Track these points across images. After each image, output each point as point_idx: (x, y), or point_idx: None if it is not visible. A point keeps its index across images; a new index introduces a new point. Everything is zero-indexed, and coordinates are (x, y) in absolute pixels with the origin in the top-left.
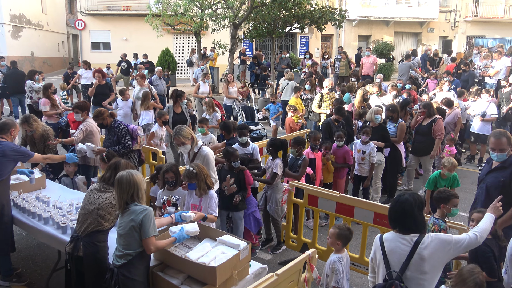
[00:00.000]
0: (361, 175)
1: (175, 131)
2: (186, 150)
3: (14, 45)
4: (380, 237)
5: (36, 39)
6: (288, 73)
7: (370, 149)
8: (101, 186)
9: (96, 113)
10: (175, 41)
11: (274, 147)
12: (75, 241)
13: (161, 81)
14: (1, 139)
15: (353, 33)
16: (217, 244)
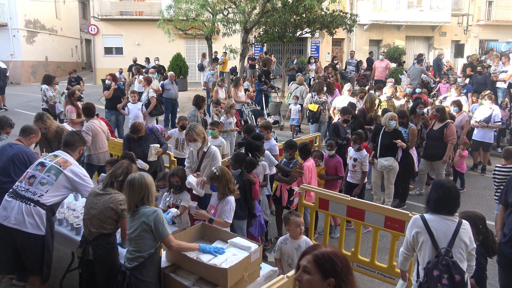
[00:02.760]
0: (353, 182)
1: (189, 127)
2: (196, 148)
3: (29, 50)
4: (422, 217)
5: (50, 44)
6: (298, 78)
7: (362, 157)
8: (100, 189)
9: (135, 128)
10: (187, 45)
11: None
12: (85, 245)
13: (173, 85)
14: (17, 141)
15: (364, 37)
16: (228, 246)
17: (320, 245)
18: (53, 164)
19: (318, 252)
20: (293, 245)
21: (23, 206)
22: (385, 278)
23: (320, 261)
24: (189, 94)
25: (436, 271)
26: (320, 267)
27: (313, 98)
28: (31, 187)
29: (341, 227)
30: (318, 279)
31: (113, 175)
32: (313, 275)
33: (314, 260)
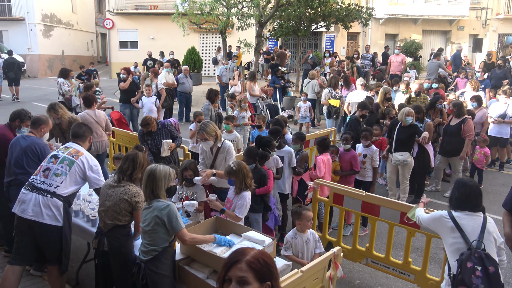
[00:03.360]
0: (361, 179)
1: (200, 126)
2: (208, 146)
3: (46, 44)
4: (449, 213)
5: (66, 38)
6: (310, 72)
7: (372, 153)
8: (114, 181)
9: (145, 121)
10: (201, 39)
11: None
12: (100, 236)
13: (187, 79)
14: (29, 133)
15: (380, 32)
16: (242, 240)
17: (243, 250)
18: (65, 155)
19: (250, 258)
20: (302, 238)
21: (40, 198)
22: (400, 274)
23: (256, 267)
24: (203, 88)
25: (469, 262)
26: (257, 273)
27: (331, 93)
28: (47, 179)
29: (355, 222)
30: (256, 286)
31: (121, 170)
32: (252, 283)
33: (250, 267)
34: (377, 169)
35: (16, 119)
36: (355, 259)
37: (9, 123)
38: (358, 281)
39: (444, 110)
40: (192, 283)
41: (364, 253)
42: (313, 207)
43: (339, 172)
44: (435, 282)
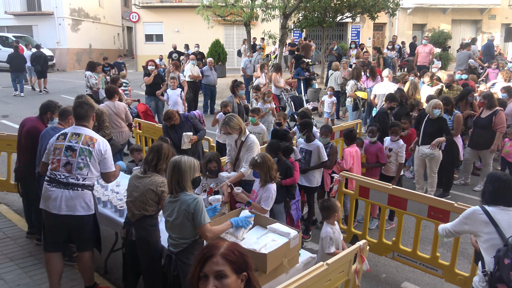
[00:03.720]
0: (386, 174)
1: (224, 120)
2: (232, 140)
3: (74, 37)
4: (483, 209)
5: (93, 32)
6: (333, 63)
7: (398, 147)
8: (141, 172)
9: (167, 115)
10: (225, 32)
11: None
12: (128, 226)
13: (212, 71)
14: (58, 125)
15: (407, 22)
16: (267, 232)
17: (215, 244)
18: (81, 146)
19: (224, 250)
20: (337, 230)
21: (71, 193)
22: (427, 269)
23: (232, 258)
24: (227, 80)
25: (507, 259)
26: (233, 265)
27: (357, 85)
28: (71, 173)
29: (382, 215)
30: (234, 278)
31: (146, 161)
32: (230, 276)
33: (225, 260)
34: (402, 165)
35: (47, 112)
36: (381, 252)
37: (40, 116)
38: (384, 275)
39: (474, 102)
40: None
41: (390, 247)
42: (339, 199)
43: (365, 164)
44: (463, 278)
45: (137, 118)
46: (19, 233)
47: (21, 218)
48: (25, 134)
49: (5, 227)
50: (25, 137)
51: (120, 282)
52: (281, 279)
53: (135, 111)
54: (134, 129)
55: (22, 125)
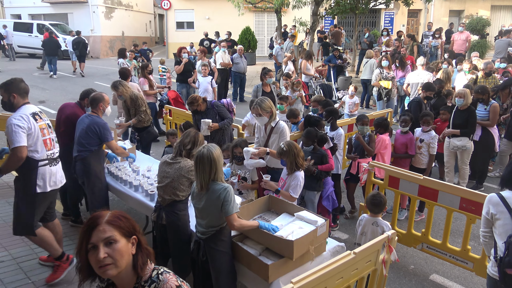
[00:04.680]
0: (416, 166)
1: (256, 101)
2: (262, 122)
3: (107, 25)
4: (498, 194)
5: (126, 20)
6: (368, 51)
7: (430, 138)
8: (171, 158)
9: (191, 99)
10: (256, 19)
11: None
12: (158, 210)
13: (242, 59)
14: (91, 113)
15: (443, 8)
16: (295, 219)
17: (98, 214)
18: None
19: (109, 218)
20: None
21: (60, 166)
22: (457, 261)
23: (119, 223)
24: (257, 68)
25: None
26: (121, 230)
27: (382, 74)
28: (55, 148)
29: (411, 206)
30: (124, 242)
31: (181, 143)
32: (120, 241)
33: (112, 225)
34: (433, 156)
35: (85, 98)
36: (409, 243)
37: (79, 102)
38: (412, 266)
39: None
40: (245, 259)
41: (419, 238)
42: (367, 189)
43: (393, 154)
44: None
45: (167, 105)
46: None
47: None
48: (64, 120)
49: None
50: (64, 123)
51: None
52: (307, 266)
53: (166, 98)
54: (164, 115)
55: (61, 110)
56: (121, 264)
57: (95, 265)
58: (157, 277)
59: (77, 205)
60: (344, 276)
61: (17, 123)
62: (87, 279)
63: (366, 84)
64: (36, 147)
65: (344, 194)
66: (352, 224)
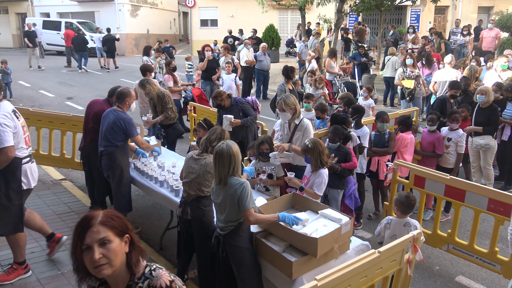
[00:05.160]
0: (443, 166)
1: (281, 97)
2: (285, 119)
3: (133, 23)
4: None
5: (151, 17)
6: (390, 48)
7: (458, 137)
8: (197, 154)
9: (215, 94)
10: (279, 16)
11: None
12: (184, 205)
13: (265, 56)
14: (117, 108)
15: (472, 4)
16: (319, 217)
17: (90, 215)
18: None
19: (102, 218)
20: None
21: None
22: (484, 263)
23: (112, 224)
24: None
25: None
26: (115, 230)
27: (405, 72)
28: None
29: (437, 206)
30: (118, 242)
31: (208, 140)
32: (114, 241)
33: (106, 226)
34: (461, 155)
35: (114, 95)
36: (435, 244)
37: (108, 99)
38: (437, 267)
39: None
40: (268, 255)
41: (445, 239)
42: (392, 188)
43: (419, 152)
44: None
45: (192, 102)
46: (83, 208)
47: (84, 194)
48: (93, 116)
49: (70, 201)
50: (93, 119)
51: (174, 259)
52: (331, 264)
53: (190, 95)
54: (189, 112)
55: (90, 107)
56: (116, 264)
57: (90, 266)
58: (150, 273)
59: (104, 200)
60: (369, 275)
61: (5, 122)
62: (85, 278)
63: (389, 82)
64: (19, 145)
65: (367, 194)
66: (375, 223)
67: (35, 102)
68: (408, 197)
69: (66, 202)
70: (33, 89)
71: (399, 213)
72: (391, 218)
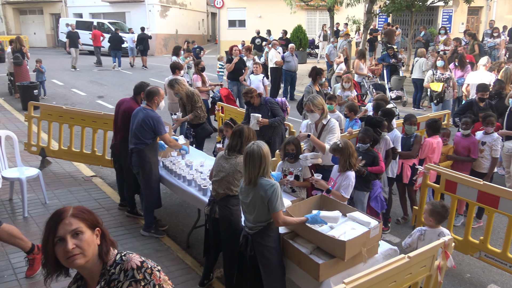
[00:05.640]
0: (477, 170)
1: (308, 98)
2: (313, 119)
3: (162, 23)
4: None
5: (180, 18)
6: (418, 50)
7: (492, 141)
8: (227, 153)
9: (246, 90)
10: (308, 17)
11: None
12: (212, 204)
13: (293, 57)
14: (146, 106)
15: (507, 4)
16: (347, 220)
17: (60, 209)
18: None
19: (74, 212)
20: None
21: None
22: None
23: (83, 216)
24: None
25: None
26: (86, 222)
27: (435, 75)
28: None
29: (469, 212)
30: (90, 233)
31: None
32: (86, 232)
33: (77, 218)
34: (496, 159)
35: (141, 92)
36: (466, 251)
37: (134, 96)
38: (468, 274)
39: None
40: (295, 257)
41: (477, 246)
42: (422, 193)
43: (453, 157)
44: None
45: (219, 102)
46: (112, 205)
47: (114, 191)
48: (121, 114)
49: (100, 198)
50: (121, 117)
51: (200, 257)
52: (359, 268)
53: (217, 95)
54: (217, 112)
55: (119, 105)
56: (89, 254)
57: (63, 257)
58: (121, 259)
59: (133, 197)
60: (397, 280)
61: None
62: (54, 273)
63: (417, 84)
64: None
65: (395, 197)
66: (404, 228)
67: (68, 100)
68: (444, 207)
69: (96, 198)
70: (66, 87)
71: (433, 223)
72: (424, 229)
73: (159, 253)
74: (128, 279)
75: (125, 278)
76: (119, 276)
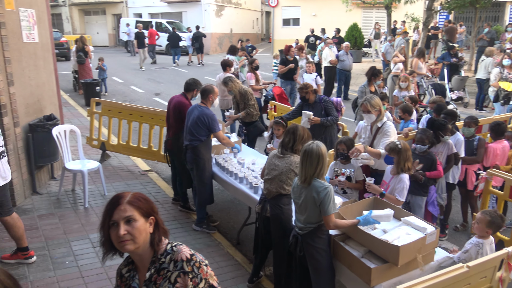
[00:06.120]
0: None
1: (365, 98)
2: (369, 120)
3: (217, 23)
4: None
5: (234, 17)
6: (487, 48)
7: None
8: (280, 152)
9: (303, 85)
10: (364, 15)
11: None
12: (263, 202)
13: (348, 56)
14: (201, 103)
15: None
16: (401, 224)
17: (120, 194)
18: None
19: (130, 198)
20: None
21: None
22: None
23: (138, 204)
24: (363, 65)
25: None
26: (141, 210)
27: (503, 74)
28: None
29: None
30: (143, 222)
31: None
32: (139, 220)
33: (132, 205)
34: None
35: (193, 89)
36: None
37: (184, 93)
38: None
39: None
40: (346, 259)
41: None
42: (484, 199)
43: None
44: None
45: (272, 101)
46: (166, 199)
47: (168, 185)
48: (172, 110)
49: (155, 192)
50: (172, 113)
51: (250, 254)
52: (413, 275)
53: (270, 93)
54: (269, 111)
55: (170, 103)
56: (139, 241)
57: (115, 240)
58: (172, 249)
59: (186, 192)
60: None
61: None
62: (109, 252)
63: (481, 84)
64: None
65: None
66: (462, 235)
67: (127, 97)
68: (502, 217)
69: (151, 192)
70: (125, 85)
71: (490, 234)
72: (480, 242)
73: (210, 248)
74: (177, 269)
75: (174, 268)
76: (168, 266)
